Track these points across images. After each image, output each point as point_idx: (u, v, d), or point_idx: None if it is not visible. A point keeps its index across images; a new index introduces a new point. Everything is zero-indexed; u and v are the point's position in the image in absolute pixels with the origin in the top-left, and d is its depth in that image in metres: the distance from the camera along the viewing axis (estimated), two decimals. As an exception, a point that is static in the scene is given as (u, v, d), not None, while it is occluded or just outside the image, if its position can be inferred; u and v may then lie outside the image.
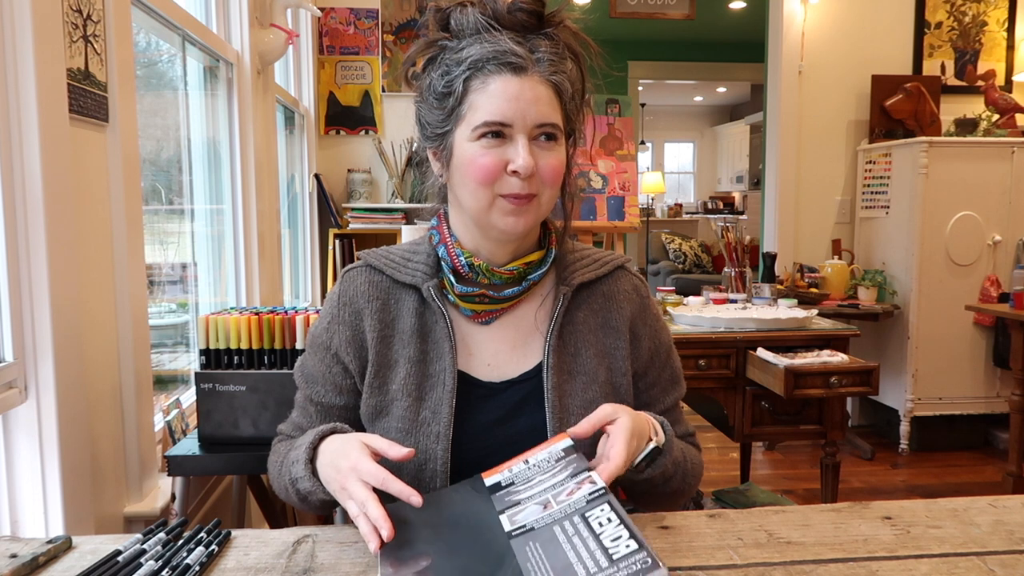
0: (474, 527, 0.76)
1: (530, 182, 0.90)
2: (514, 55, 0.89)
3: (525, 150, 0.89)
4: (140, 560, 0.75)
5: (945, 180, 3.42)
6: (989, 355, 3.53)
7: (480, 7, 0.92)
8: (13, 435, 1.17)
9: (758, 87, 8.80)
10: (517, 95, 0.89)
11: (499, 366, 0.98)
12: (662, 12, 4.23)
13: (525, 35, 0.91)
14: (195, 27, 1.95)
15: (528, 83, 0.89)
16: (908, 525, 0.84)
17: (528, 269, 0.98)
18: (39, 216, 1.15)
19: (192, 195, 2.13)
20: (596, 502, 0.72)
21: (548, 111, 0.90)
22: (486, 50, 0.90)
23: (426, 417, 0.94)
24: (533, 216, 0.93)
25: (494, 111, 0.89)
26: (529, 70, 0.90)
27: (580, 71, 0.96)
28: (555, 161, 0.92)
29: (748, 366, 2.17)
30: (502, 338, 0.99)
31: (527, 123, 0.89)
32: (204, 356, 1.46)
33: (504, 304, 0.98)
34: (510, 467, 0.84)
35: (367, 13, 3.68)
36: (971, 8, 3.85)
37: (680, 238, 8.52)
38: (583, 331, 1.00)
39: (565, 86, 0.93)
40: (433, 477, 0.92)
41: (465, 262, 0.96)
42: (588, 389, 0.97)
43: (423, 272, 0.98)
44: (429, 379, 0.96)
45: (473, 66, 0.90)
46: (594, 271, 1.02)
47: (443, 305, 0.96)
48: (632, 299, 1.04)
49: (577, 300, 1.01)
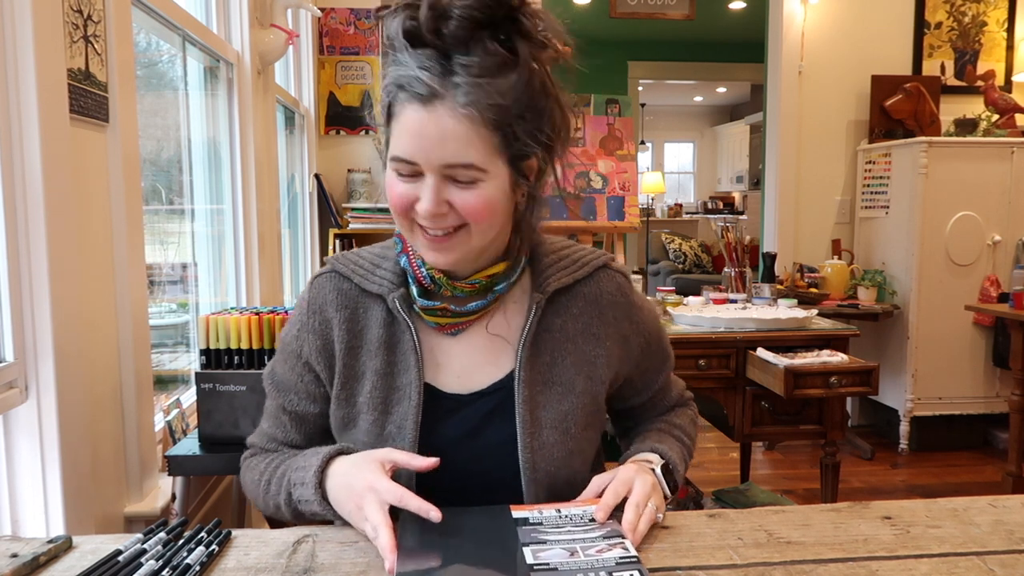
0: (495, 552, 0.76)
1: (446, 220, 0.83)
2: (420, 83, 0.79)
3: (430, 191, 0.81)
4: (140, 560, 0.75)
5: (945, 180, 3.42)
6: (989, 355, 3.53)
7: (408, 15, 0.81)
8: (14, 435, 1.17)
9: (758, 87, 8.80)
10: (420, 131, 0.80)
11: (469, 377, 0.94)
12: (662, 12, 4.23)
13: (451, 50, 0.80)
14: (195, 27, 1.95)
15: (434, 117, 0.79)
16: (908, 525, 0.84)
17: (493, 280, 0.92)
18: (39, 216, 1.15)
19: (192, 195, 2.13)
20: (626, 567, 0.71)
21: (458, 149, 0.80)
22: (398, 74, 0.81)
23: (391, 432, 0.91)
24: (461, 251, 0.86)
25: (400, 146, 0.82)
26: (438, 101, 0.79)
27: (530, 78, 0.82)
28: (474, 200, 0.82)
29: (748, 366, 2.17)
30: (472, 349, 0.94)
31: (432, 163, 0.81)
32: (204, 356, 1.46)
33: (467, 318, 0.93)
34: (541, 509, 0.83)
35: (367, 13, 3.68)
36: (971, 8, 3.85)
37: (680, 238, 8.52)
38: (560, 339, 0.95)
39: (486, 114, 0.79)
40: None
41: (427, 274, 0.91)
42: (564, 400, 0.93)
43: (390, 281, 0.93)
44: (395, 392, 0.92)
45: (389, 91, 0.83)
46: (571, 274, 0.96)
47: (409, 317, 0.92)
48: (617, 302, 0.98)
49: (555, 306, 0.95)
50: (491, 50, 0.80)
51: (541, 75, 0.84)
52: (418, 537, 0.78)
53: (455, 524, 0.80)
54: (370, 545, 0.79)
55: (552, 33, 0.84)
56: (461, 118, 0.79)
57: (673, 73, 7.91)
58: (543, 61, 0.84)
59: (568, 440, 0.92)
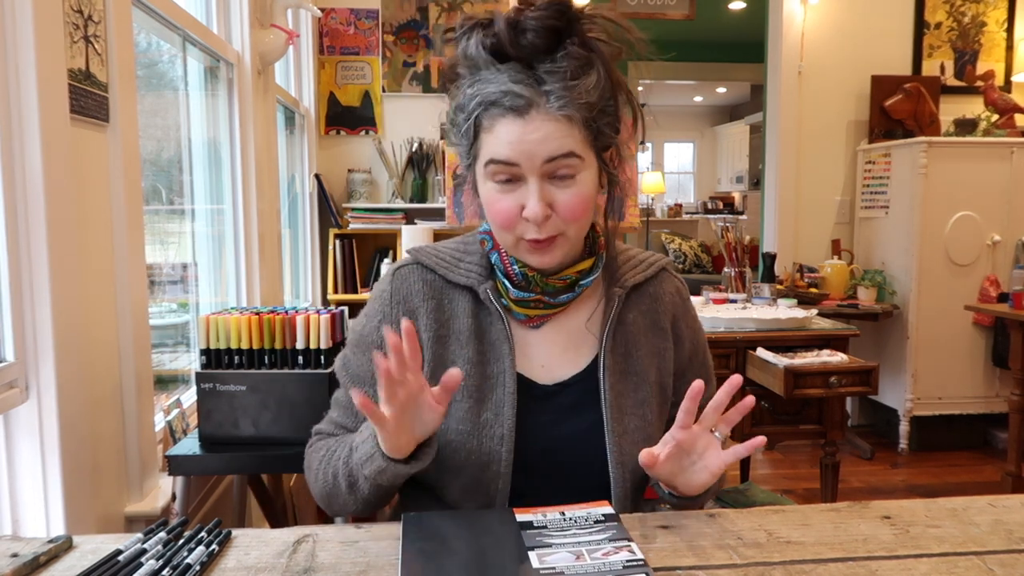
0: (501, 556, 0.76)
1: (549, 224, 0.88)
2: (515, 96, 0.84)
3: (535, 195, 0.86)
4: (141, 560, 0.75)
5: (944, 180, 3.42)
6: (988, 355, 3.53)
7: (485, 33, 0.86)
8: (14, 435, 1.18)
9: (758, 87, 8.80)
10: (520, 138, 0.85)
11: (552, 368, 0.98)
12: (662, 12, 4.24)
13: (534, 61, 0.85)
14: (195, 27, 1.95)
15: (532, 124, 0.85)
16: (907, 525, 0.84)
17: (580, 275, 0.97)
18: (40, 216, 1.15)
19: (192, 195, 2.13)
20: (633, 570, 0.71)
21: (558, 144, 0.85)
22: (488, 91, 0.86)
23: (488, 419, 0.93)
24: (561, 252, 0.92)
25: (499, 152, 0.87)
26: (534, 109, 0.84)
27: (607, 74, 0.88)
28: (574, 199, 0.88)
29: (748, 366, 2.17)
30: (553, 341, 0.99)
31: (535, 163, 0.86)
32: (204, 356, 1.46)
33: (557, 309, 0.98)
34: (544, 512, 0.84)
35: (367, 13, 3.68)
36: (970, 8, 3.85)
37: (680, 238, 8.52)
38: (634, 332, 1.00)
39: (579, 114, 0.86)
40: (495, 478, 0.92)
41: (519, 271, 0.95)
42: (640, 389, 0.98)
43: (477, 273, 0.97)
44: (488, 380, 0.95)
45: (479, 106, 0.87)
46: (642, 273, 1.03)
47: (500, 307, 0.96)
48: (676, 301, 1.05)
49: (627, 302, 1.01)
50: (572, 53, 0.85)
51: (613, 69, 0.89)
52: (423, 541, 0.78)
53: (459, 527, 0.80)
54: (370, 545, 0.80)
55: (612, 29, 0.89)
56: (559, 119, 0.85)
57: (673, 73, 7.91)
58: (610, 56, 0.89)
59: (647, 426, 0.98)
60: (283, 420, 1.43)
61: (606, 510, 0.84)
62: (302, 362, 1.44)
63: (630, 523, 0.84)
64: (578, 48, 0.86)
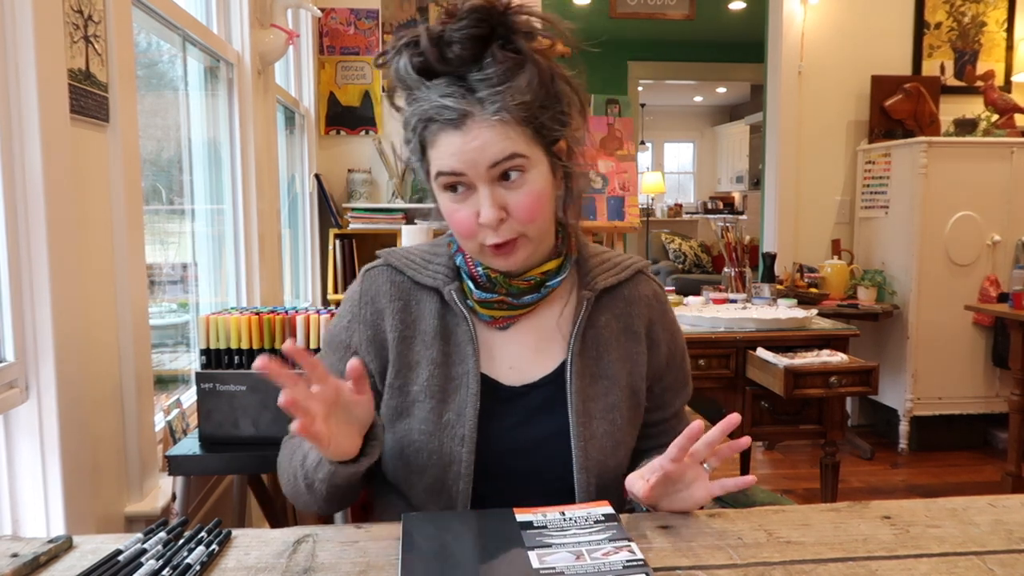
0: (501, 556, 0.76)
1: (505, 228, 0.88)
2: (449, 109, 0.84)
3: (487, 201, 0.86)
4: (141, 560, 0.75)
5: (944, 180, 3.42)
6: (988, 355, 3.53)
7: (412, 53, 0.86)
8: (14, 435, 1.18)
9: (758, 87, 8.80)
10: (461, 149, 0.85)
11: (520, 369, 0.98)
12: (662, 12, 4.24)
13: (464, 71, 0.85)
14: (195, 27, 1.95)
15: (471, 133, 0.85)
16: (907, 525, 0.84)
17: (546, 276, 0.97)
18: (40, 216, 1.15)
19: (192, 195, 2.13)
20: (633, 571, 0.71)
21: (499, 148, 0.85)
22: (423, 109, 0.86)
23: (450, 419, 0.93)
24: (525, 253, 0.92)
25: (445, 164, 0.87)
26: (469, 119, 0.84)
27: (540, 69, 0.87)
28: (526, 198, 0.88)
29: (748, 366, 2.17)
30: (522, 342, 0.99)
31: (479, 170, 0.86)
32: (204, 356, 1.46)
33: (522, 310, 0.97)
34: (544, 512, 0.83)
35: (367, 13, 3.68)
36: (970, 8, 3.85)
37: (680, 238, 8.52)
38: (605, 335, 1.00)
39: (516, 113, 0.85)
40: (457, 479, 0.92)
41: (483, 272, 0.95)
42: (610, 393, 0.98)
43: (444, 275, 0.98)
44: (452, 381, 0.95)
45: (419, 124, 0.88)
46: (615, 275, 1.02)
47: (464, 309, 0.96)
48: (652, 305, 1.04)
49: (599, 304, 1.00)
50: (500, 58, 0.85)
51: (548, 63, 0.89)
52: (422, 541, 0.78)
53: (459, 527, 0.80)
54: (370, 545, 0.80)
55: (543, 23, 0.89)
56: (495, 124, 0.85)
57: (673, 73, 7.90)
58: (544, 49, 0.89)
59: (615, 431, 0.97)
60: (283, 420, 1.41)
61: (606, 510, 0.84)
62: (302, 362, 1.44)
63: (630, 523, 0.84)
64: (504, 52, 0.85)
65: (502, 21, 0.86)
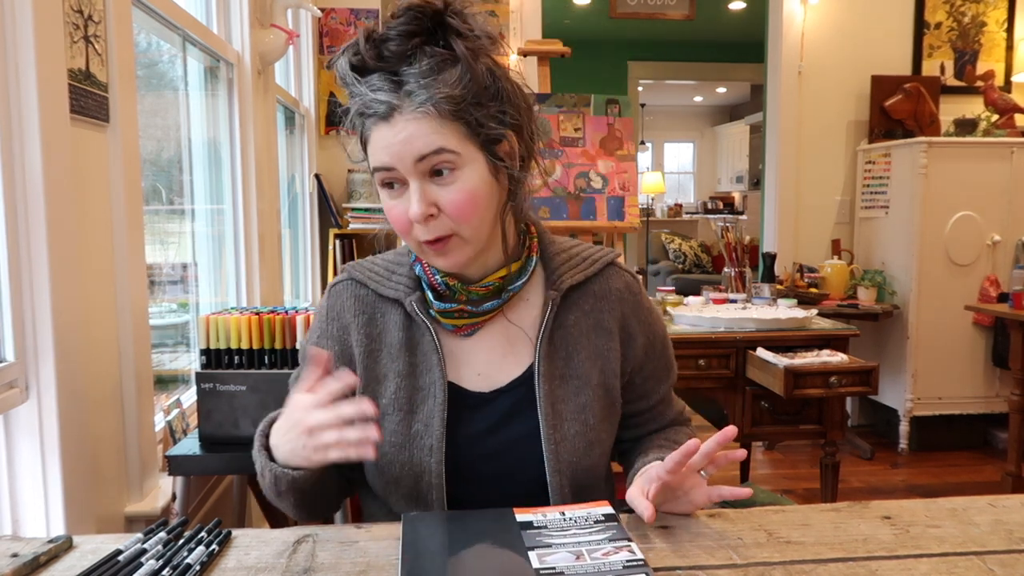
0: (501, 556, 0.76)
1: (436, 224, 0.87)
2: (376, 103, 0.85)
3: (416, 195, 0.86)
4: (141, 560, 0.75)
5: (944, 180, 3.42)
6: (988, 355, 3.53)
7: (352, 52, 0.87)
8: (14, 435, 1.18)
9: (758, 87, 8.80)
10: (389, 142, 0.85)
11: (489, 375, 0.97)
12: (662, 12, 4.23)
13: (397, 67, 0.85)
14: (195, 27, 1.95)
15: (397, 126, 0.85)
16: (907, 525, 0.84)
17: (505, 281, 0.96)
18: (40, 216, 1.15)
19: (192, 195, 2.13)
20: (633, 570, 0.71)
21: (425, 142, 0.84)
22: (356, 104, 0.87)
23: (418, 430, 0.93)
24: (461, 253, 0.90)
25: (377, 159, 0.88)
26: (396, 112, 0.85)
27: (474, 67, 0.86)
28: (457, 195, 0.86)
29: (748, 366, 2.17)
30: (490, 347, 0.98)
31: (407, 164, 0.85)
32: (204, 356, 1.46)
33: (483, 317, 0.96)
34: (544, 512, 0.84)
35: (367, 13, 3.68)
36: (970, 8, 3.85)
37: (680, 238, 8.52)
38: (575, 334, 0.98)
39: (443, 106, 0.84)
40: (429, 489, 0.92)
41: (441, 280, 0.94)
42: (581, 393, 0.96)
43: (405, 286, 0.97)
44: (419, 392, 0.94)
45: (356, 118, 0.89)
46: (583, 272, 0.99)
47: (427, 319, 0.95)
48: (625, 298, 1.01)
49: (567, 302, 0.98)
50: (430, 53, 0.85)
51: (486, 63, 0.88)
52: (422, 541, 0.78)
53: (459, 527, 0.80)
54: (370, 545, 0.80)
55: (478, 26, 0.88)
56: (420, 116, 0.84)
57: (673, 73, 7.90)
58: (483, 51, 0.88)
59: (588, 431, 0.96)
60: (283, 420, 1.42)
61: (606, 510, 0.84)
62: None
63: (630, 523, 0.84)
64: (435, 48, 0.86)
65: (437, 20, 0.86)
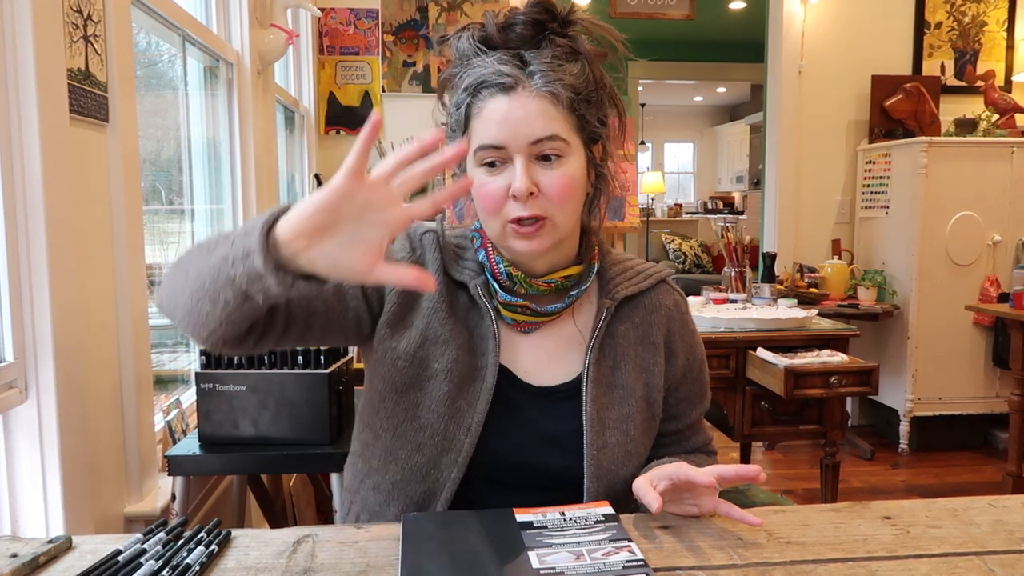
0: (501, 556, 0.76)
1: (534, 203, 0.88)
2: (501, 75, 0.87)
3: (521, 171, 0.87)
4: (140, 560, 0.75)
5: (945, 180, 3.42)
6: (989, 355, 3.53)
7: (474, 30, 0.92)
8: (13, 435, 1.17)
9: (758, 87, 8.80)
10: (506, 115, 0.87)
11: (537, 374, 0.97)
12: (662, 12, 4.23)
13: (521, 49, 0.90)
14: (195, 27, 1.95)
15: (518, 101, 0.87)
16: (908, 525, 0.84)
17: (567, 282, 0.97)
18: (39, 216, 1.15)
19: (192, 195, 2.13)
20: (633, 571, 0.71)
21: (544, 124, 0.87)
22: (476, 74, 0.89)
23: (461, 406, 0.93)
24: (548, 239, 0.91)
25: (487, 135, 0.88)
26: (519, 86, 0.87)
27: (591, 68, 0.92)
28: (560, 179, 0.88)
29: (748, 366, 2.17)
30: (541, 347, 0.99)
31: (520, 142, 0.87)
32: (204, 356, 1.46)
33: (545, 318, 0.97)
34: (544, 512, 0.84)
35: (367, 13, 3.68)
36: (971, 8, 3.85)
37: (680, 238, 8.52)
38: (623, 345, 0.99)
39: (564, 94, 0.88)
40: (451, 465, 0.92)
41: (504, 271, 0.95)
42: (625, 403, 0.97)
43: (471, 269, 0.98)
44: (473, 371, 0.95)
45: (468, 92, 0.90)
46: (637, 284, 1.01)
47: (489, 305, 0.96)
48: (672, 315, 1.03)
49: (618, 313, 1.00)
50: (557, 43, 0.90)
51: (598, 69, 0.94)
52: (423, 541, 0.78)
53: (459, 527, 0.80)
54: (370, 545, 0.80)
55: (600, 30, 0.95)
56: (544, 96, 0.88)
57: (673, 73, 7.91)
58: (599, 57, 0.94)
59: (628, 442, 0.96)
60: (283, 420, 1.43)
61: (606, 510, 0.84)
62: (302, 362, 1.44)
63: (630, 523, 0.84)
64: (562, 39, 0.91)
65: (563, 17, 0.91)
